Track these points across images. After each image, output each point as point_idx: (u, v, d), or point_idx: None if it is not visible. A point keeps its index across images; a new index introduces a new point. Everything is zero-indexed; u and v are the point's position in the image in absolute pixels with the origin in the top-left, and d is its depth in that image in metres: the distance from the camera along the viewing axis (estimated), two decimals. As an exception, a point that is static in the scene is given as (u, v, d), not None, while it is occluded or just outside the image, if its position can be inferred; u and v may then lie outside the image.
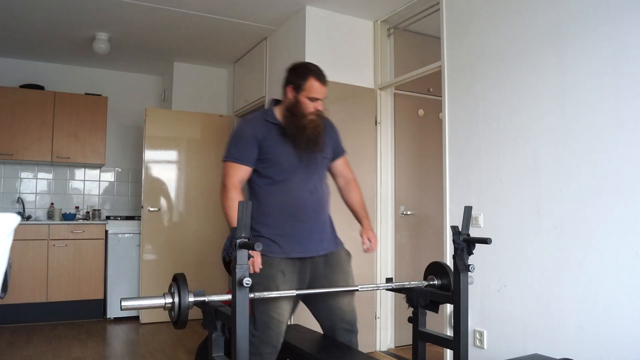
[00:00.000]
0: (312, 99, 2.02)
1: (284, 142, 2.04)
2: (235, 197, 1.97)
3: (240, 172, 2.02)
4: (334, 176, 2.30)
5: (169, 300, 1.61)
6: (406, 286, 2.14)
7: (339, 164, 2.27)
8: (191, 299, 1.63)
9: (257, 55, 4.53)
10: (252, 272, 1.88)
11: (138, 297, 1.61)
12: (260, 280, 1.96)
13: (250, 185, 2.12)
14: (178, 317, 1.61)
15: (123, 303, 1.53)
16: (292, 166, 2.04)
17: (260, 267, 1.91)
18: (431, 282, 2.15)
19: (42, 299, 4.44)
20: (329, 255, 2.11)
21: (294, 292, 1.88)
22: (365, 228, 2.23)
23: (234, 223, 1.90)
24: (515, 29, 2.59)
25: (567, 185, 2.29)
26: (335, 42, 3.75)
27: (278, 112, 2.10)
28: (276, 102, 2.17)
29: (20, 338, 3.94)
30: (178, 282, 1.64)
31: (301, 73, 2.04)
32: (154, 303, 1.61)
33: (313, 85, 2.01)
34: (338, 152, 2.26)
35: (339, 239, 2.22)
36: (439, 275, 2.14)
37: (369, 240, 2.19)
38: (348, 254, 2.21)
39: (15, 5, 3.67)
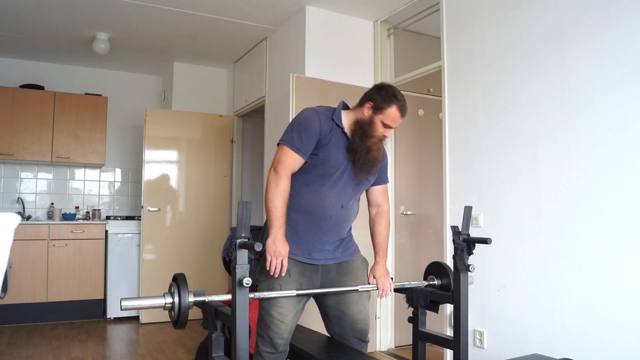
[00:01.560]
0: (386, 126, 1.94)
1: (340, 149, 1.96)
2: (286, 187, 1.89)
3: (296, 163, 1.93)
4: (368, 203, 2.19)
5: (169, 300, 1.61)
6: (406, 286, 2.14)
7: (376, 191, 2.15)
8: (191, 299, 1.63)
9: (257, 55, 4.53)
10: (273, 273, 1.87)
11: (138, 297, 1.61)
12: (265, 278, 1.95)
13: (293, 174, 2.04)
14: (178, 317, 1.61)
15: (123, 303, 1.53)
16: (335, 175, 1.96)
17: (283, 274, 1.88)
18: (431, 282, 2.15)
19: (42, 299, 4.44)
20: (342, 262, 2.07)
21: (293, 293, 1.87)
22: (377, 266, 2.09)
23: (273, 213, 1.87)
24: (515, 28, 2.59)
25: (567, 185, 2.29)
26: (335, 42, 3.75)
27: (345, 118, 2.01)
28: (345, 106, 2.07)
29: (20, 338, 3.94)
30: (178, 282, 1.64)
31: (387, 97, 1.93)
32: (154, 303, 1.61)
33: (394, 114, 1.92)
34: (380, 179, 2.14)
35: (354, 247, 2.15)
36: (439, 275, 2.14)
37: (376, 279, 2.07)
38: (364, 262, 2.14)
39: (15, 5, 3.67)
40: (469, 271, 1.97)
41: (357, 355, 1.95)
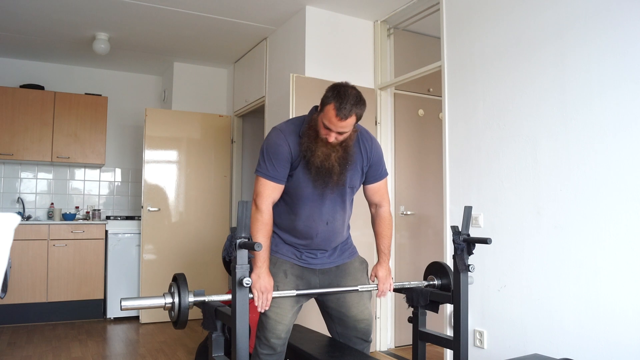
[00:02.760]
0: (326, 127, 1.79)
1: (306, 167, 1.90)
2: (267, 220, 1.87)
3: (275, 192, 1.90)
4: (368, 202, 2.12)
5: (169, 300, 1.61)
6: (406, 286, 2.14)
7: (369, 190, 2.06)
8: (191, 299, 1.63)
9: (257, 55, 4.53)
10: (260, 310, 1.82)
11: (138, 297, 1.61)
12: None
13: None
14: (178, 317, 1.61)
15: (123, 303, 1.53)
16: (310, 198, 1.92)
17: (267, 308, 1.82)
18: (431, 282, 2.15)
19: (42, 299, 4.44)
20: (340, 265, 2.06)
21: (293, 293, 1.87)
22: (379, 266, 2.07)
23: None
24: (515, 28, 2.59)
25: (567, 185, 2.29)
26: (335, 42, 3.75)
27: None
28: (316, 109, 1.93)
29: (20, 338, 3.94)
30: (178, 282, 1.64)
31: (330, 94, 1.79)
32: (154, 303, 1.61)
33: (329, 112, 1.76)
34: (371, 177, 2.03)
35: (352, 250, 2.13)
36: (439, 275, 2.14)
37: (378, 279, 2.05)
38: (362, 262, 2.13)
39: (15, 5, 3.67)
40: (469, 271, 1.97)
41: (357, 355, 1.95)
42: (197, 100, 5.19)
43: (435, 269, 2.17)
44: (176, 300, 1.60)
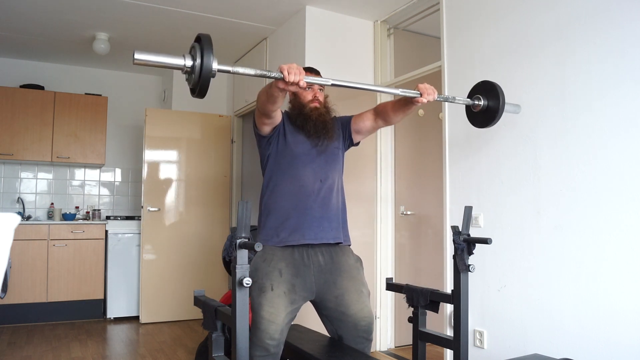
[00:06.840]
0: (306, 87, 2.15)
1: (297, 132, 2.16)
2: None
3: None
4: (371, 120, 2.24)
5: (189, 62, 1.38)
6: (450, 101, 2.13)
7: (359, 117, 2.27)
8: (215, 65, 1.37)
9: (257, 55, 4.53)
10: (292, 81, 1.75)
11: (154, 53, 1.36)
12: (257, 278, 1.95)
13: (264, 177, 2.19)
14: (198, 83, 1.38)
15: (136, 56, 1.32)
16: (302, 154, 2.11)
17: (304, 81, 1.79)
18: (476, 102, 1.95)
19: (42, 299, 4.44)
20: (335, 262, 2.05)
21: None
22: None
23: (266, 87, 1.90)
24: (515, 29, 2.59)
25: (567, 185, 2.29)
26: (335, 42, 3.75)
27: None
28: (287, 113, 2.30)
29: (20, 338, 3.95)
30: (202, 42, 1.38)
31: None
32: (172, 62, 1.39)
33: None
34: (352, 120, 2.28)
35: (348, 236, 2.18)
36: (485, 95, 1.91)
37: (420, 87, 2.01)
38: (357, 260, 2.14)
39: (15, 5, 3.68)
40: (469, 271, 1.97)
41: (357, 355, 1.95)
42: (197, 100, 5.18)
43: (482, 88, 1.94)
44: (197, 62, 1.36)
